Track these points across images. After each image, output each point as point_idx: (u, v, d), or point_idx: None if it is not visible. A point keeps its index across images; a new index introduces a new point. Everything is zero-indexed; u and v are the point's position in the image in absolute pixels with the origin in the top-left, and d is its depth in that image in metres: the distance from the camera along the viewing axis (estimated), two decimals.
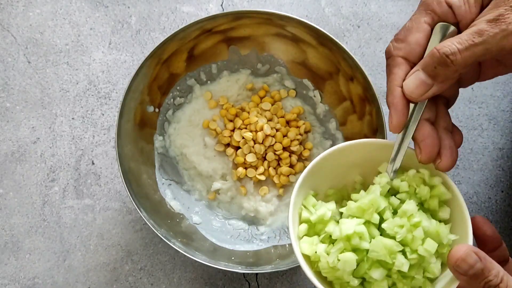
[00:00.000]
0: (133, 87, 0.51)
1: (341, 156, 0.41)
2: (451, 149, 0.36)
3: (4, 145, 0.60)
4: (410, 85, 0.35)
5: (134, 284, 0.58)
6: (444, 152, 0.36)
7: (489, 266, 0.32)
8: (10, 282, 0.58)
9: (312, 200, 0.41)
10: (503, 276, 0.32)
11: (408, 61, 0.36)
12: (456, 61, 0.32)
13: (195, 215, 0.57)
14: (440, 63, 0.33)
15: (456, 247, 0.33)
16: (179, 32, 0.51)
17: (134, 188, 0.51)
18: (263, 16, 0.53)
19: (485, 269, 0.32)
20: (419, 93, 0.35)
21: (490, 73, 0.38)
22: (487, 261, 0.32)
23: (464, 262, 0.32)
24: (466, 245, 0.33)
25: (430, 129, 0.36)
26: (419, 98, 0.35)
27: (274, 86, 0.60)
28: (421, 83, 0.35)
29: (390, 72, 0.37)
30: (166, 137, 0.58)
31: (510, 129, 0.61)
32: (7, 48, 0.63)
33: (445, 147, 0.36)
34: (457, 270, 0.32)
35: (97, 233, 0.59)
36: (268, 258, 0.53)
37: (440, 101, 0.38)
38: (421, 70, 0.35)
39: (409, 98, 0.36)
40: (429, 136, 0.36)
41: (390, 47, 0.37)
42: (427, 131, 0.36)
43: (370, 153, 0.40)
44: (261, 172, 0.57)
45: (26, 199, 0.59)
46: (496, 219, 0.59)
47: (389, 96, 0.36)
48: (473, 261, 0.32)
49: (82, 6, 0.64)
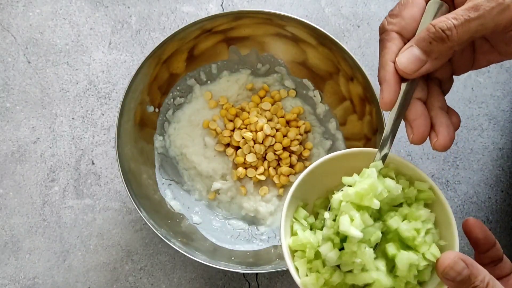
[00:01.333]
0: (133, 87, 0.51)
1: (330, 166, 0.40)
2: (448, 127, 0.35)
3: (4, 145, 0.60)
4: (404, 60, 0.34)
5: (134, 284, 0.58)
6: (441, 130, 0.35)
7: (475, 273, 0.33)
8: (10, 282, 0.58)
9: (302, 212, 0.40)
10: (489, 281, 0.33)
11: (402, 37, 0.36)
12: (452, 37, 0.32)
13: (195, 215, 0.57)
14: (436, 38, 0.32)
15: (444, 254, 0.34)
16: (179, 32, 0.51)
17: (134, 188, 0.51)
18: (263, 16, 0.53)
19: (472, 275, 0.33)
20: (412, 69, 0.34)
21: (484, 60, 0.37)
22: (473, 267, 0.33)
23: (452, 269, 0.33)
24: (454, 253, 0.34)
25: (422, 108, 0.35)
26: (412, 74, 0.34)
27: (274, 86, 0.60)
28: (415, 59, 0.34)
29: (383, 47, 0.36)
30: (166, 137, 0.58)
31: (510, 129, 0.61)
32: (7, 48, 0.63)
33: (441, 124, 0.35)
34: (445, 277, 0.33)
35: (97, 233, 0.59)
36: (268, 258, 0.53)
37: (433, 82, 0.37)
38: (415, 45, 0.34)
39: (401, 74, 0.35)
40: (421, 115, 0.35)
41: (384, 22, 0.36)
42: (419, 110, 0.35)
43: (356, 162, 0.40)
44: (261, 172, 0.57)
45: (26, 199, 0.59)
46: (496, 219, 0.59)
47: (381, 71, 0.35)
48: (460, 268, 0.33)
49: (82, 6, 0.64)
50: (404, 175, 0.39)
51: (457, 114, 0.37)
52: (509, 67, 0.62)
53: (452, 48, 0.33)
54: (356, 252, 0.35)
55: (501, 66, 0.62)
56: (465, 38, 0.32)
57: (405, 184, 0.38)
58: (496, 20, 0.31)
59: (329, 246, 0.36)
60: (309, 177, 0.40)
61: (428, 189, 0.38)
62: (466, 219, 0.39)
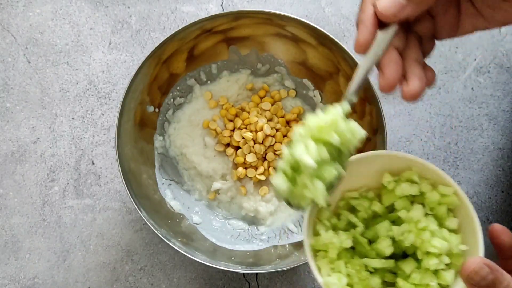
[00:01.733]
0: (133, 87, 0.51)
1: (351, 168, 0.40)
2: (421, 78, 0.35)
3: (4, 145, 0.60)
4: (384, 2, 0.33)
5: (134, 284, 0.58)
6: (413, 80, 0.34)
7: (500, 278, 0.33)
8: (10, 282, 0.58)
9: (326, 213, 0.40)
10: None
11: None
12: None
13: (195, 215, 0.57)
14: None
15: (469, 259, 0.34)
16: (179, 32, 0.51)
17: (134, 188, 0.51)
18: (263, 16, 0.53)
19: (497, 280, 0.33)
20: (392, 12, 0.33)
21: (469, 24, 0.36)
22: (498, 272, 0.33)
23: (476, 274, 0.33)
24: (478, 258, 0.34)
25: (396, 56, 0.35)
26: (392, 18, 0.34)
27: (274, 86, 0.60)
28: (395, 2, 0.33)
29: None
30: (166, 137, 0.58)
31: (510, 129, 0.61)
32: (7, 48, 0.63)
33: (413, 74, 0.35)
34: (470, 281, 0.34)
35: (97, 233, 0.59)
36: (268, 258, 0.53)
37: (413, 35, 0.36)
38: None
39: (381, 17, 0.34)
40: (395, 61, 0.35)
41: None
42: (393, 57, 0.35)
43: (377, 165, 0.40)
44: (261, 172, 0.57)
45: (26, 199, 0.59)
46: (496, 219, 0.59)
47: (360, 14, 0.35)
48: (485, 273, 0.33)
49: (82, 6, 0.64)
50: (428, 179, 0.39)
51: (432, 71, 0.37)
52: (510, 67, 0.62)
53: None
54: (307, 185, 0.34)
55: (501, 66, 0.62)
56: None
57: (427, 188, 0.38)
58: None
59: (281, 177, 0.35)
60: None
61: (452, 194, 0.38)
62: (492, 225, 0.39)
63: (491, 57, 0.62)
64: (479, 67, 0.62)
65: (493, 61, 0.62)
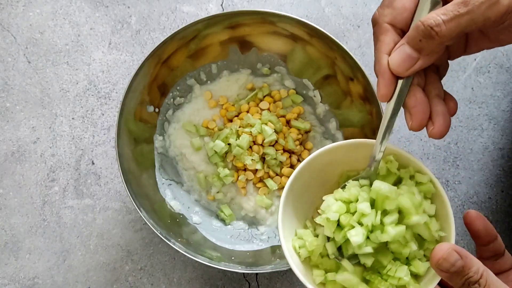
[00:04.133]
0: (133, 87, 0.51)
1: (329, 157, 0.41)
2: (444, 115, 0.36)
3: (4, 145, 0.60)
4: (396, 59, 0.34)
5: (134, 284, 0.58)
6: (437, 119, 0.35)
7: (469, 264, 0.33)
8: (10, 282, 0.58)
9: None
10: (483, 272, 0.33)
11: (395, 28, 0.36)
12: (441, 33, 0.32)
13: (195, 215, 0.57)
14: (425, 36, 0.32)
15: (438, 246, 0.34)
16: (179, 32, 0.51)
17: (134, 188, 0.51)
18: (263, 16, 0.53)
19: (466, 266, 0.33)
20: (405, 68, 0.34)
21: (476, 46, 0.38)
22: (467, 258, 0.33)
23: (445, 260, 0.33)
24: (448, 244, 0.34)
25: (422, 95, 0.36)
26: (406, 72, 0.34)
27: (274, 86, 0.60)
28: (406, 57, 0.34)
29: (377, 40, 0.36)
30: (166, 137, 0.58)
31: (510, 129, 0.61)
32: (7, 48, 0.63)
33: (437, 113, 0.36)
34: (439, 268, 0.34)
35: (97, 233, 0.59)
36: (268, 258, 0.53)
37: (430, 69, 0.37)
38: (406, 43, 0.34)
39: (395, 73, 0.35)
40: (421, 102, 0.35)
41: (376, 14, 0.36)
42: (419, 97, 0.35)
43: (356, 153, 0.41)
44: (261, 175, 0.57)
45: (26, 199, 0.59)
46: (496, 219, 0.59)
47: (376, 65, 0.36)
48: (454, 260, 0.33)
49: (82, 6, 0.64)
50: (405, 168, 0.40)
51: (453, 99, 0.37)
52: (509, 67, 0.62)
53: (443, 43, 0.33)
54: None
55: (501, 66, 0.62)
56: (455, 34, 0.32)
57: (406, 175, 0.39)
58: (486, 15, 0.31)
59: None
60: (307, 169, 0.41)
61: (429, 182, 0.38)
62: (467, 211, 0.39)
63: (491, 57, 0.62)
64: (479, 67, 0.62)
65: (493, 61, 0.62)
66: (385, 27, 0.35)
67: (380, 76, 0.35)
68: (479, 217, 0.39)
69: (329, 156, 0.41)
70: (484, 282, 0.33)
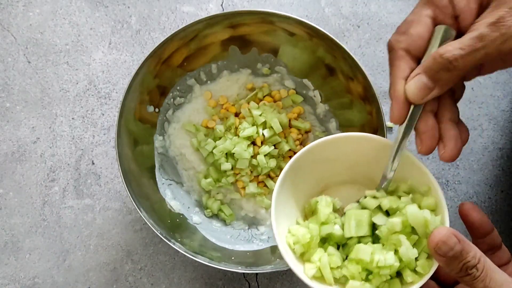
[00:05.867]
0: (133, 87, 0.51)
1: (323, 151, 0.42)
2: (456, 140, 0.37)
3: (4, 145, 0.60)
4: (412, 88, 0.36)
5: (134, 284, 0.58)
6: (449, 143, 0.36)
7: (467, 248, 0.33)
8: (10, 282, 0.58)
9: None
10: (480, 257, 0.33)
11: (410, 54, 0.37)
12: (458, 66, 0.33)
13: (195, 215, 0.57)
14: (443, 68, 0.34)
15: (437, 229, 0.34)
16: (179, 32, 0.51)
17: (134, 188, 0.51)
18: (263, 16, 0.53)
19: (464, 251, 0.33)
20: (421, 96, 0.36)
21: (490, 68, 0.39)
22: (465, 243, 0.33)
23: (444, 244, 0.33)
24: (446, 228, 0.34)
25: (432, 121, 0.37)
26: (421, 101, 0.36)
27: (274, 86, 0.60)
28: (423, 87, 0.35)
29: (392, 65, 0.37)
30: (166, 137, 0.58)
31: (510, 129, 0.61)
32: (7, 48, 0.63)
33: (450, 137, 0.37)
34: (437, 252, 0.34)
35: (97, 233, 0.59)
36: (268, 258, 0.53)
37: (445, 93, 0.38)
38: (423, 73, 0.35)
39: (411, 101, 0.36)
40: (431, 128, 0.37)
41: (392, 41, 0.38)
42: (430, 124, 0.37)
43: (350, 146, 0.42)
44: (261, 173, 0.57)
45: (26, 199, 0.59)
46: (496, 219, 0.59)
47: (391, 89, 0.37)
48: (452, 243, 0.33)
49: (82, 6, 0.64)
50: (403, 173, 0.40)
51: (466, 130, 0.38)
52: None
53: (459, 75, 0.34)
54: None
55: None
56: (470, 66, 0.33)
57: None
58: (499, 49, 0.32)
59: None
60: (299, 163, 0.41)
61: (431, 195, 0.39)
62: (462, 203, 0.40)
63: None
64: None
65: None
66: (400, 53, 0.37)
67: (395, 100, 0.37)
68: (474, 209, 0.39)
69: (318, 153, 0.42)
70: (482, 267, 0.33)
